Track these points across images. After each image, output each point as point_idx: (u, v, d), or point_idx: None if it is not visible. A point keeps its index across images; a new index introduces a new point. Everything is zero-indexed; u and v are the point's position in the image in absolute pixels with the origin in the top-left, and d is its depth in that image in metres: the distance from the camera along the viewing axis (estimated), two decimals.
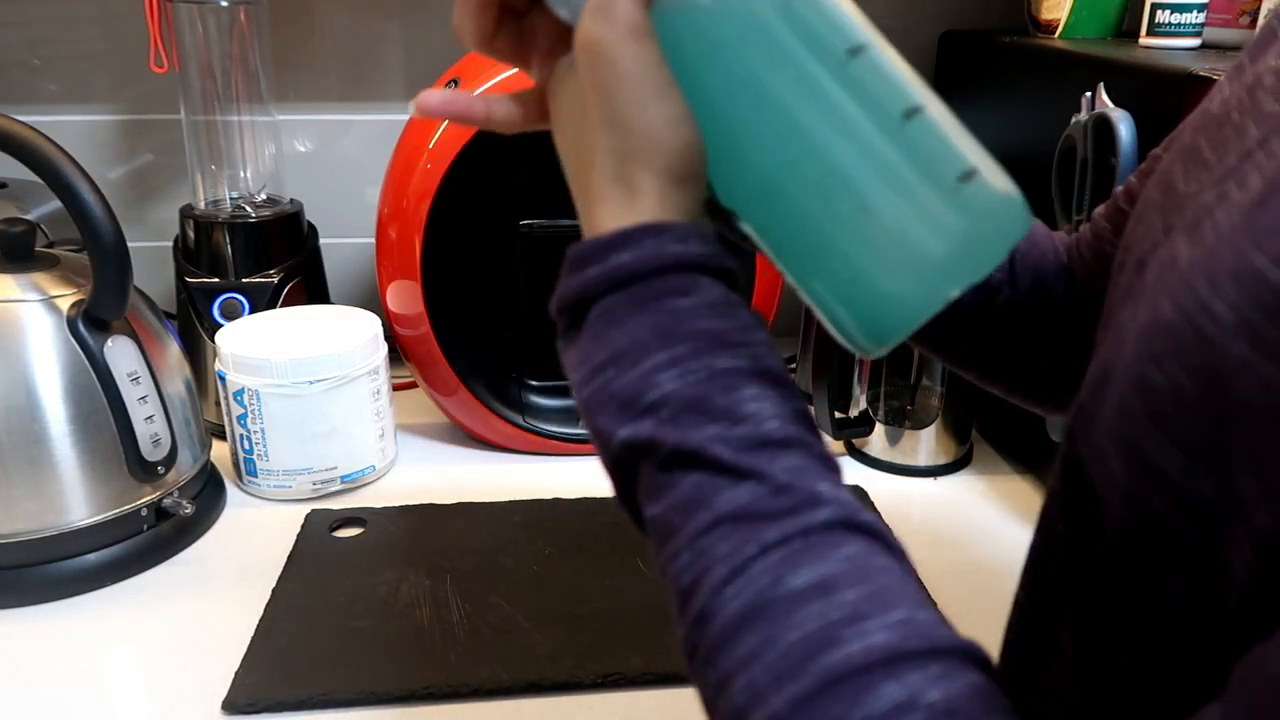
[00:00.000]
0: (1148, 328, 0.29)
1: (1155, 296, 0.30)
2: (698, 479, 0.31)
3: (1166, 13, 0.80)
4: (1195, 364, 0.27)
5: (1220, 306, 0.27)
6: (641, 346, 0.33)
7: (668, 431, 0.32)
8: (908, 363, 0.87)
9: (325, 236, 1.00)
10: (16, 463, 0.66)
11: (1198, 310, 0.27)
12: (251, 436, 0.79)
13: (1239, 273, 0.27)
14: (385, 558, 0.73)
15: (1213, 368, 0.27)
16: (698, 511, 0.31)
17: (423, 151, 0.81)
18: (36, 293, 0.68)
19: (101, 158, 1.04)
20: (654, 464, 0.32)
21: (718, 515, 0.31)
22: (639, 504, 0.34)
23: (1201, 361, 0.27)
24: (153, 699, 0.60)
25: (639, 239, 0.34)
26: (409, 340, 0.87)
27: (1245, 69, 0.36)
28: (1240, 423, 0.26)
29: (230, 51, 0.92)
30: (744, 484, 0.31)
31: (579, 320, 0.35)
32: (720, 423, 0.32)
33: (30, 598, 0.68)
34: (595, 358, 0.34)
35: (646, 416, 0.32)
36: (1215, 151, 0.33)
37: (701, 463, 0.31)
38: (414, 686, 0.59)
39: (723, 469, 0.31)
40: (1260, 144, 0.30)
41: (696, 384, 0.32)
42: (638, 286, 0.34)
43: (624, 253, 0.34)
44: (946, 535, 0.78)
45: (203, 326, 0.89)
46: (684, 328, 0.33)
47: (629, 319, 0.34)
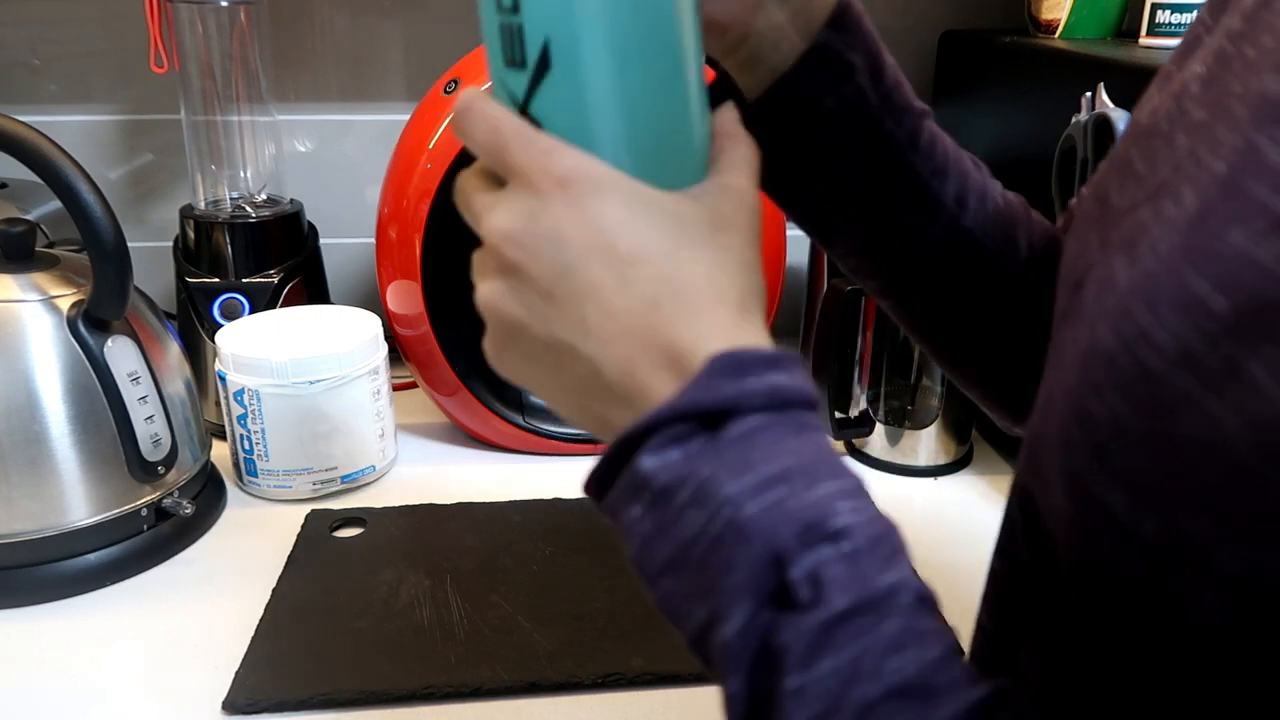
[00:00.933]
0: (1087, 354, 0.28)
1: (1094, 320, 0.29)
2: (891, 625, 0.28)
3: (1167, 13, 0.80)
4: (1137, 396, 0.26)
5: (1161, 335, 0.25)
6: (813, 470, 0.29)
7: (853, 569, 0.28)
8: (908, 363, 0.87)
9: (325, 236, 1.00)
10: (16, 463, 0.66)
11: (1138, 339, 0.26)
12: (251, 436, 0.79)
13: (1179, 299, 0.25)
14: (385, 558, 0.73)
15: (1156, 401, 0.25)
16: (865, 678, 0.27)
17: (423, 151, 0.81)
18: (37, 293, 0.68)
19: (102, 158, 1.05)
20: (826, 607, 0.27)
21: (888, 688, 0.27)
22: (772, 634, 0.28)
23: (1144, 394, 0.26)
24: (153, 699, 0.60)
25: (791, 366, 0.31)
26: (409, 340, 0.87)
27: (1173, 76, 0.35)
28: (1187, 459, 0.24)
29: (230, 51, 0.92)
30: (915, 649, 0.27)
31: (711, 428, 0.30)
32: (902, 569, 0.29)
33: (30, 598, 0.68)
34: (762, 470, 0.29)
35: (826, 544, 0.28)
36: (1147, 164, 0.32)
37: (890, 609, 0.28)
38: (414, 686, 0.59)
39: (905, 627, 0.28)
40: (1190, 155, 0.29)
41: (873, 521, 0.30)
42: (792, 413, 0.30)
43: (781, 375, 0.30)
44: (946, 535, 0.78)
45: (203, 326, 0.89)
46: (837, 462, 0.30)
47: (787, 440, 0.30)
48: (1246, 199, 0.25)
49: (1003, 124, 0.91)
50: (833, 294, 0.85)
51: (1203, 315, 0.25)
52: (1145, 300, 0.27)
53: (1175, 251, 0.27)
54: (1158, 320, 0.26)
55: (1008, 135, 0.89)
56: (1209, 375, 0.24)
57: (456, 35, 1.03)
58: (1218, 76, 0.31)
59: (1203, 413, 0.24)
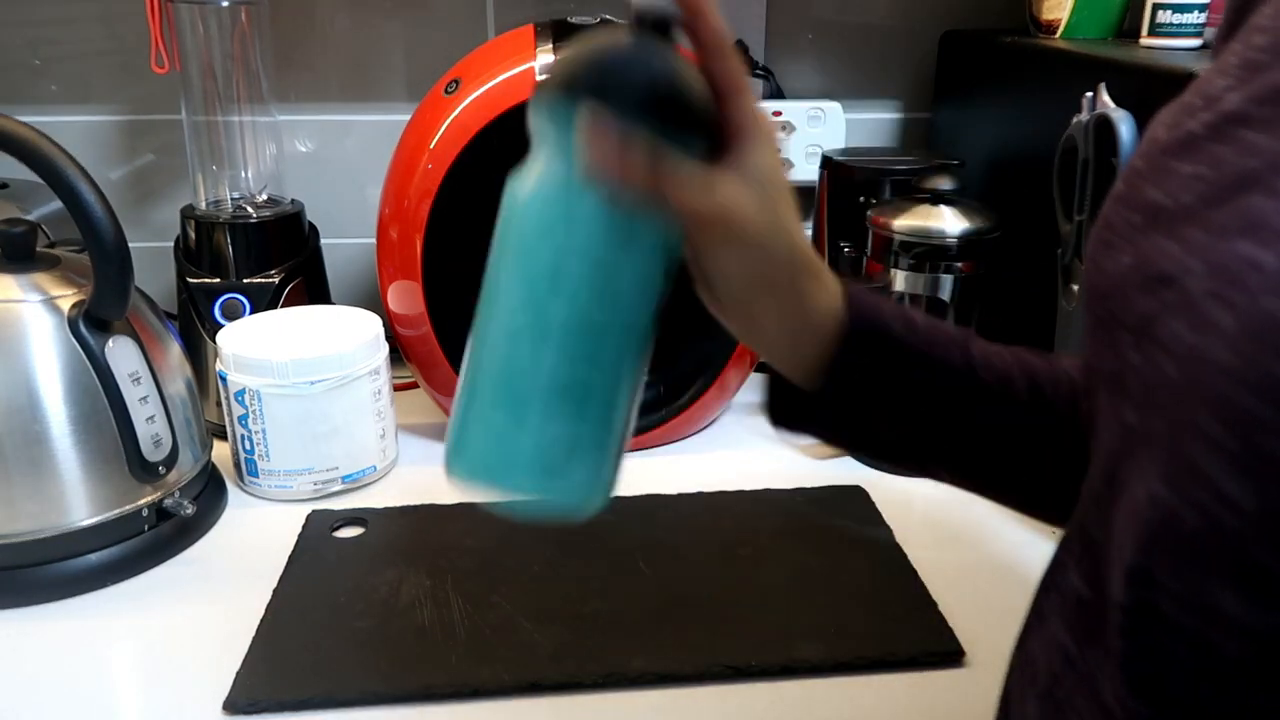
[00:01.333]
0: (1248, 335, 0.27)
1: (1241, 305, 0.28)
2: None
3: (1168, 13, 0.80)
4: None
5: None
6: None
7: None
8: None
9: (326, 237, 1.00)
10: (17, 463, 0.66)
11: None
12: (252, 437, 0.79)
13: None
14: (386, 558, 0.73)
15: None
16: None
17: (424, 151, 0.81)
18: (38, 293, 0.68)
19: (102, 158, 1.05)
20: None
21: None
22: None
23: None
24: (153, 699, 0.60)
25: None
26: (410, 340, 0.87)
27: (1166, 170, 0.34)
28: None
29: (231, 52, 0.92)
30: None
31: None
32: None
33: (31, 598, 0.68)
34: None
35: None
36: (1209, 165, 0.31)
37: None
38: (415, 687, 0.59)
39: None
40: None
41: None
42: None
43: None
44: (947, 535, 0.78)
45: (204, 327, 0.89)
46: None
47: None
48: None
49: (1004, 124, 0.91)
50: None
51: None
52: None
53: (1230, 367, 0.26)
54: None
55: (1009, 135, 0.89)
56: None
57: (457, 36, 1.03)
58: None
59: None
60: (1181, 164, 0.32)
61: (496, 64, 0.81)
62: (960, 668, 0.62)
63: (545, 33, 0.82)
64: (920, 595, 0.68)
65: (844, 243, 0.96)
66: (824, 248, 0.98)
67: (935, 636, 0.64)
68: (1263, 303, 0.27)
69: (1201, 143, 0.32)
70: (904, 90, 1.11)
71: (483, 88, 0.80)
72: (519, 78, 0.80)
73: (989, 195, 0.89)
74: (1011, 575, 0.72)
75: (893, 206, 0.87)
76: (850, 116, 1.08)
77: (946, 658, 0.62)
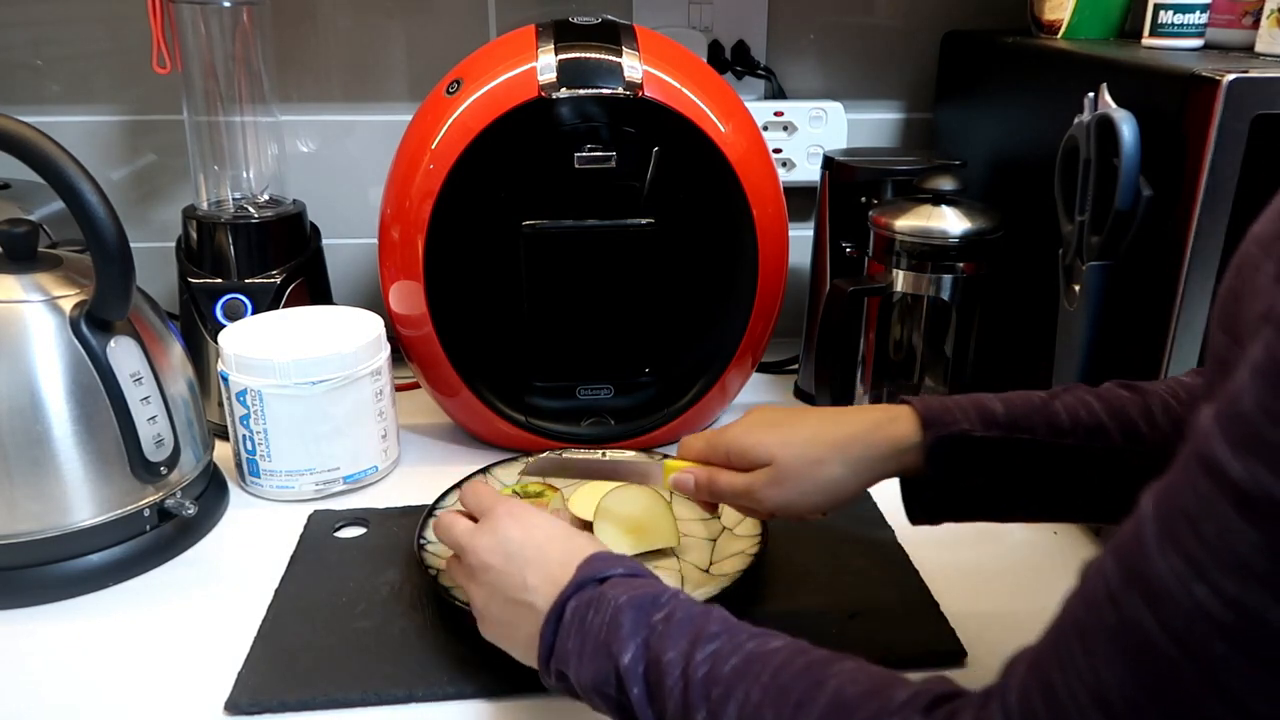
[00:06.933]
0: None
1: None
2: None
3: (1169, 13, 0.80)
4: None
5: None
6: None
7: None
8: (910, 363, 0.87)
9: (328, 237, 1.00)
10: (19, 463, 0.66)
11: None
12: (254, 437, 0.79)
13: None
14: (388, 558, 0.73)
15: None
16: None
17: (425, 152, 0.81)
18: (39, 293, 0.68)
19: (104, 158, 1.05)
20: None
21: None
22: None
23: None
24: (155, 699, 0.60)
25: (622, 562, 0.52)
26: (412, 341, 0.87)
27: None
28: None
29: (233, 52, 0.92)
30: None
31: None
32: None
33: (33, 598, 0.68)
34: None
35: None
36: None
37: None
38: (416, 687, 0.60)
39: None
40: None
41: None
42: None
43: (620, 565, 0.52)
44: (947, 535, 0.77)
45: (205, 327, 0.89)
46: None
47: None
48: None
49: (1005, 124, 0.91)
50: (835, 294, 0.85)
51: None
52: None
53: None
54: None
55: (1010, 136, 0.89)
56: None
57: (459, 36, 1.03)
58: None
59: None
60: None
61: (498, 64, 0.81)
62: (961, 668, 0.62)
63: (547, 33, 0.83)
64: (922, 596, 0.68)
65: (845, 243, 0.97)
66: (825, 248, 0.98)
67: (937, 637, 0.64)
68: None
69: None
70: (905, 90, 1.11)
71: (484, 88, 0.80)
72: (521, 78, 0.80)
73: (991, 196, 0.89)
74: (1013, 576, 0.72)
75: (894, 207, 0.87)
76: (852, 117, 1.08)
77: (948, 658, 0.62)
